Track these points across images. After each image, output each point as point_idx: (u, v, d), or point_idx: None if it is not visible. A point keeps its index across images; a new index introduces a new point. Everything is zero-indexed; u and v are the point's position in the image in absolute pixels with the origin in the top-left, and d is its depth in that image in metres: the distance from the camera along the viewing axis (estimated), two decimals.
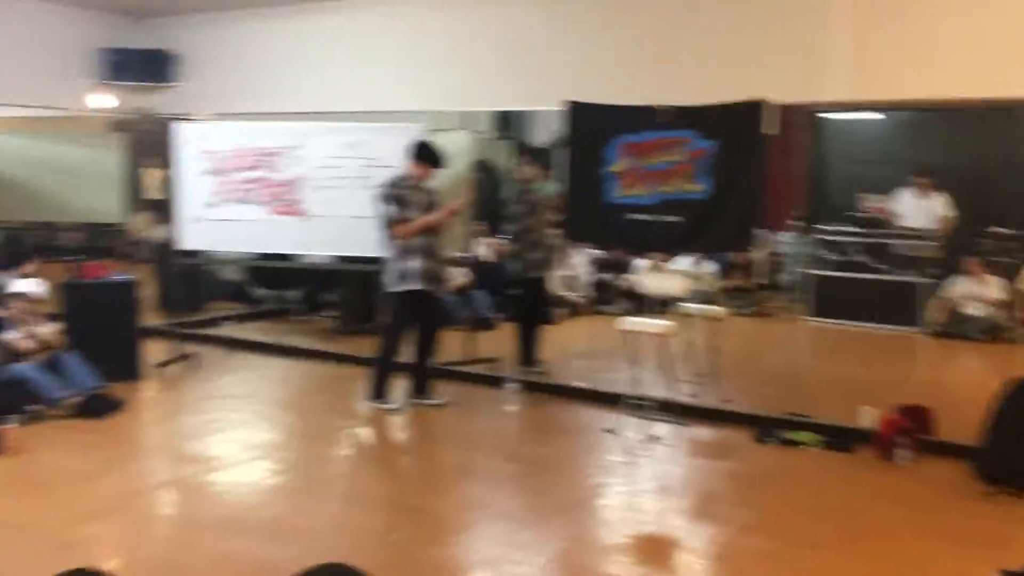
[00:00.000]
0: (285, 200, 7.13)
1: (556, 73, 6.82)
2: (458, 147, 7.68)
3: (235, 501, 4.80)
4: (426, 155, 6.35)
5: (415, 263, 6.20)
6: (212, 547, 4.14)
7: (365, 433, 6.20)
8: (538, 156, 7.81)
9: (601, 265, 10.80)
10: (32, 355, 6.17)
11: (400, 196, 6.23)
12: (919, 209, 9.91)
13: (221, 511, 4.65)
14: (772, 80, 5.94)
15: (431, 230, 6.28)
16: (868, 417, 5.79)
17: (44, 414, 5.97)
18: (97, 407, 6.10)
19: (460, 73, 7.27)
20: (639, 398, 6.13)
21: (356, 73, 7.73)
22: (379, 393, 6.41)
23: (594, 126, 6.51)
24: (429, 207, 6.34)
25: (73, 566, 1.55)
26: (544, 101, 6.94)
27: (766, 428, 5.92)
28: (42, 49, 8.07)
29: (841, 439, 5.71)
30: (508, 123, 13.37)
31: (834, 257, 10.54)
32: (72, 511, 4.48)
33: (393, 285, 6.27)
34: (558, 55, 6.85)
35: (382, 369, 6.46)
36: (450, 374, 7.26)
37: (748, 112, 5.97)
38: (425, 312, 6.41)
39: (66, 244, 13.33)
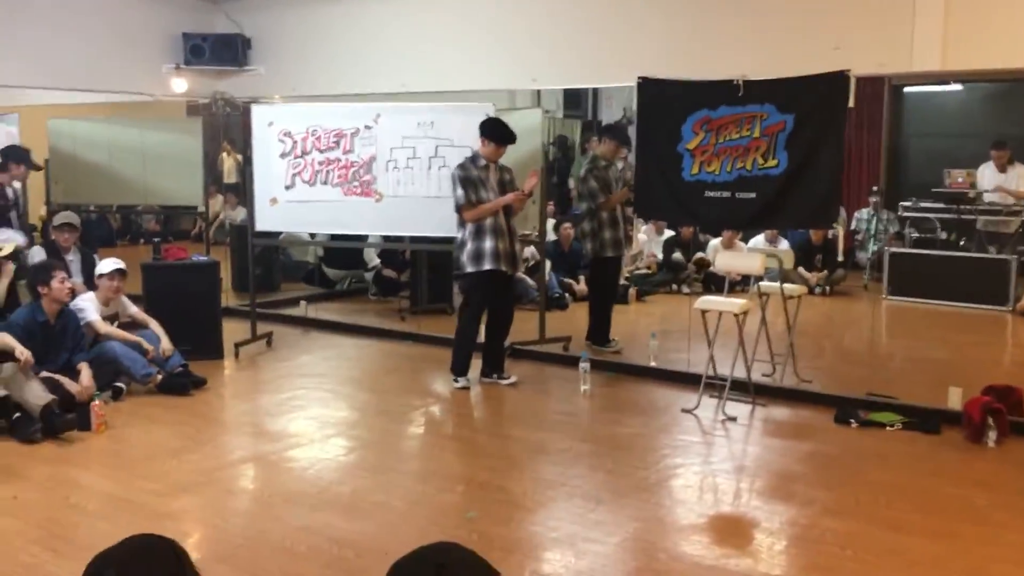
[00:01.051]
0: (358, 181, 7.19)
1: (630, 49, 6.71)
2: (531, 125, 7.63)
3: (314, 477, 4.88)
4: (496, 133, 6.33)
5: (488, 243, 6.22)
6: (293, 521, 4.22)
7: (439, 412, 6.25)
8: (613, 133, 7.75)
9: (673, 244, 10.68)
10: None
11: (470, 178, 6.24)
12: (1000, 182, 9.57)
13: (301, 486, 4.73)
14: (857, 51, 5.75)
15: (504, 210, 6.28)
16: (956, 397, 5.62)
17: (126, 391, 6.15)
18: (181, 384, 6.26)
19: (532, 51, 7.21)
20: (715, 378, 6.05)
21: (426, 53, 7.73)
22: (457, 370, 6.50)
23: (669, 102, 6.41)
24: (502, 187, 6.34)
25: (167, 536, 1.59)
26: (618, 78, 6.87)
27: (846, 409, 5.79)
28: (122, 35, 8.26)
29: (927, 420, 5.56)
30: (579, 101, 13.29)
31: (916, 234, 10.26)
32: (161, 485, 4.62)
33: (467, 266, 6.30)
34: (631, 30, 6.74)
35: (458, 348, 6.54)
36: (524, 353, 7.27)
37: (831, 84, 5.81)
38: (499, 292, 6.43)
39: (148, 227, 13.76)
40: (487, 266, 6.22)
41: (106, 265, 6.44)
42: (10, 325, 5.78)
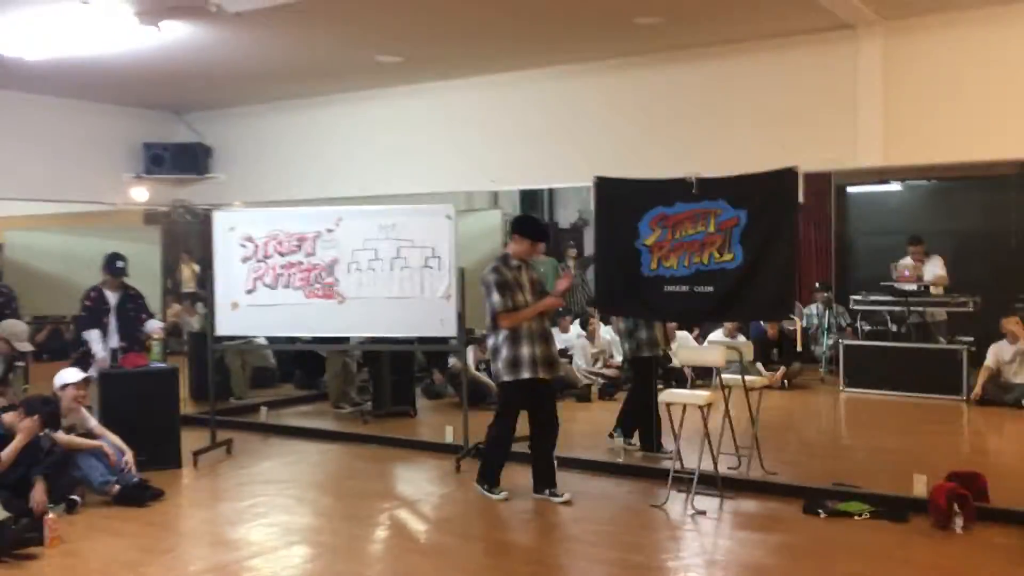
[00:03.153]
0: (320, 283, 7.21)
1: (586, 149, 6.95)
2: (490, 226, 7.78)
3: None
4: (531, 229, 6.12)
5: (525, 350, 5.88)
6: None
7: (406, 515, 6.13)
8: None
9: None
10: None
11: (506, 281, 5.96)
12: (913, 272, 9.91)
13: None
14: (804, 148, 6.01)
15: (540, 314, 6.03)
16: (921, 485, 5.67)
17: (81, 504, 5.96)
18: (138, 495, 6.08)
19: (490, 152, 7.42)
20: (682, 472, 6.04)
21: (384, 157, 7.91)
22: (487, 481, 6.12)
23: (625, 200, 6.58)
24: (535, 288, 6.09)
25: None
26: (575, 177, 7.06)
27: (814, 499, 5.80)
28: (84, 145, 8.34)
29: (894, 508, 5.58)
30: (535, 203, 13.55)
31: (867, 327, 10.50)
32: None
33: (503, 374, 5.95)
34: (587, 131, 6.99)
35: (490, 457, 6.18)
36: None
37: (781, 180, 6.02)
38: (540, 400, 6.04)
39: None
40: (525, 375, 5.87)
41: (71, 375, 6.32)
42: None
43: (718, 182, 6.32)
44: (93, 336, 7.43)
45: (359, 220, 7.19)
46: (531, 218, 6.27)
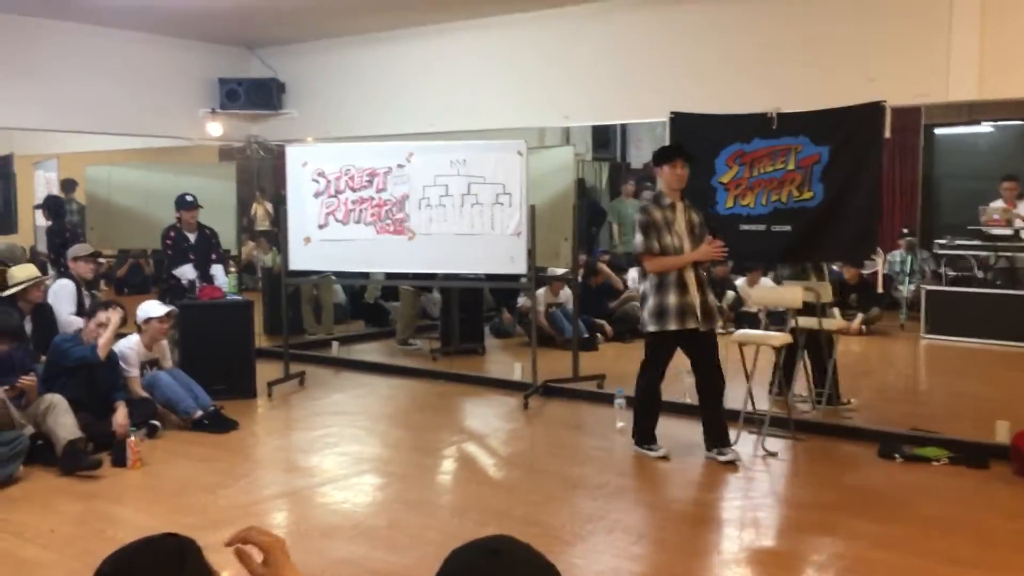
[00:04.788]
0: (391, 219, 7.22)
1: (662, 84, 6.74)
2: (563, 163, 7.67)
3: (349, 511, 4.82)
4: (658, 154, 5.61)
5: (672, 298, 5.36)
6: (332, 553, 4.16)
7: (474, 448, 6.18)
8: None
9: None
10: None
11: (652, 222, 5.42)
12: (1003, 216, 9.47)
13: (336, 520, 4.67)
14: (892, 82, 5.73)
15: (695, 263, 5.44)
16: (1003, 431, 5.48)
17: (161, 429, 6.14)
18: (215, 423, 6.24)
19: (564, 88, 7.26)
20: (754, 413, 5.95)
21: (457, 93, 7.80)
22: (640, 438, 5.66)
23: (702, 136, 6.39)
24: (691, 229, 5.48)
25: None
26: (650, 113, 6.87)
27: (890, 444, 5.66)
28: (158, 80, 8.41)
29: (974, 455, 5.41)
30: (608, 143, 13.33)
31: (951, 272, 10.14)
32: (197, 519, 4.57)
33: (648, 324, 5.47)
34: (663, 65, 6.78)
35: (637, 413, 5.70)
36: (558, 391, 7.21)
37: (865, 115, 5.79)
38: (697, 354, 5.53)
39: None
40: (671, 326, 5.37)
41: (156, 308, 6.47)
42: (54, 346, 5.83)
43: (799, 117, 6.10)
44: (187, 271, 7.58)
45: (430, 155, 7.15)
46: (664, 146, 5.67)
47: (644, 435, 5.65)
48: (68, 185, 11.12)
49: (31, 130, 8.57)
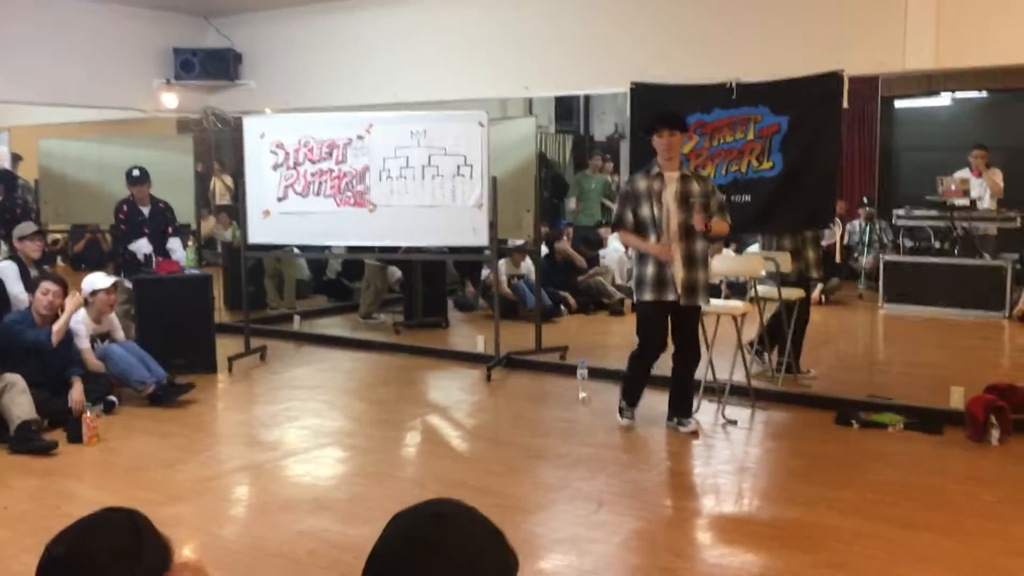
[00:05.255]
0: (352, 191, 7.15)
1: (622, 55, 6.72)
2: (525, 135, 7.62)
3: (310, 484, 4.80)
4: (644, 125, 5.47)
5: (649, 269, 5.29)
6: (290, 526, 4.14)
7: (436, 420, 6.18)
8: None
9: None
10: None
11: (630, 192, 5.35)
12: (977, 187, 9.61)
13: (296, 493, 4.65)
14: (850, 51, 5.76)
15: (683, 231, 5.24)
16: (958, 397, 5.58)
17: (118, 405, 6.06)
18: (170, 392, 6.17)
19: (524, 59, 7.21)
20: (714, 382, 5.99)
21: (417, 63, 7.73)
22: (621, 398, 5.68)
23: (662, 107, 6.34)
24: (684, 200, 5.22)
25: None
26: (611, 84, 6.87)
27: (847, 410, 5.74)
28: (112, 50, 8.24)
29: (929, 420, 5.51)
30: (571, 115, 13.30)
31: (909, 243, 10.26)
32: (155, 494, 4.52)
33: (634, 292, 5.53)
34: (623, 36, 6.75)
35: (623, 378, 5.72)
36: (521, 363, 7.22)
37: (823, 85, 5.82)
38: (675, 325, 5.42)
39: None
40: (646, 296, 5.33)
41: (101, 280, 6.36)
42: (4, 327, 5.72)
43: (758, 87, 6.12)
44: (142, 245, 7.44)
45: (390, 127, 7.08)
46: (661, 113, 5.38)
47: (622, 397, 5.67)
48: (13, 159, 10.86)
49: None
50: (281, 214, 7.31)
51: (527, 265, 9.31)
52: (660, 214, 5.25)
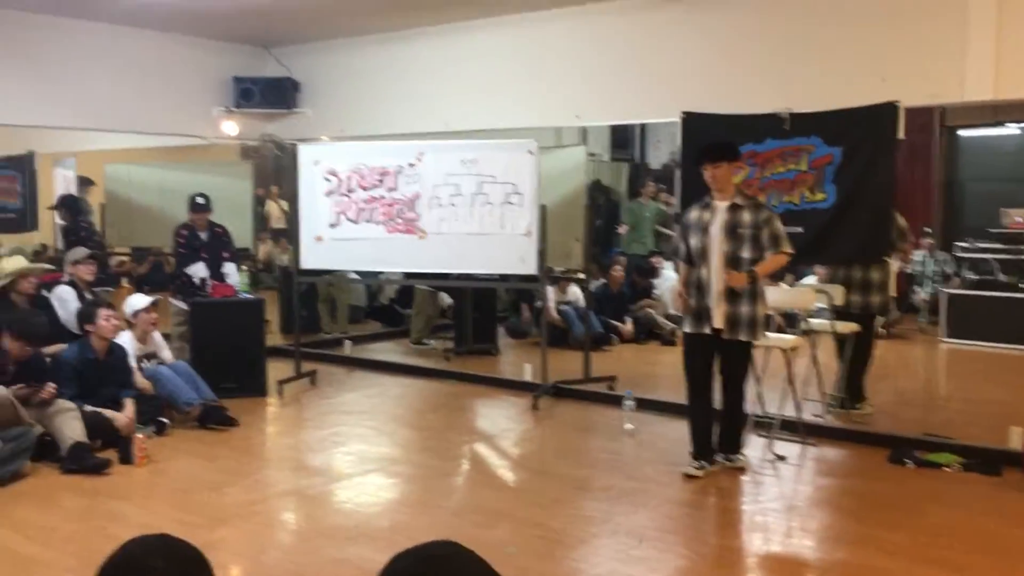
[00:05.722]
0: (402, 218, 7.21)
1: (674, 84, 6.70)
2: (575, 163, 7.63)
3: (353, 511, 4.82)
4: (694, 157, 5.36)
5: (693, 301, 5.18)
6: (331, 553, 4.15)
7: (483, 449, 6.16)
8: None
9: None
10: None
11: (683, 221, 5.32)
12: None
13: (340, 520, 4.67)
14: (906, 82, 5.65)
15: (728, 260, 5.05)
16: (1016, 437, 5.39)
17: (170, 426, 6.15)
18: (216, 419, 6.26)
19: (576, 88, 7.23)
20: (764, 416, 5.88)
21: (470, 92, 7.80)
22: (689, 449, 5.35)
23: (713, 137, 6.31)
24: (730, 230, 5.04)
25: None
26: (663, 113, 6.82)
27: (902, 449, 5.57)
28: (174, 79, 8.48)
29: (986, 461, 5.32)
30: (626, 143, 13.27)
31: (972, 276, 10.00)
32: (200, 517, 4.58)
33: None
34: (675, 65, 6.73)
35: (690, 420, 5.41)
36: (569, 392, 7.18)
37: (879, 116, 5.71)
38: (720, 361, 5.23)
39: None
40: (687, 328, 5.26)
41: (140, 301, 6.51)
42: (61, 363, 5.86)
43: (812, 117, 6.04)
44: (198, 269, 7.60)
45: (441, 155, 7.14)
46: (717, 144, 5.21)
47: (691, 442, 5.33)
48: (83, 183, 11.20)
49: (49, 128, 8.64)
50: (333, 240, 7.40)
51: (574, 292, 9.28)
52: (707, 244, 5.13)
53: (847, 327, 6.29)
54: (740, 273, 5.01)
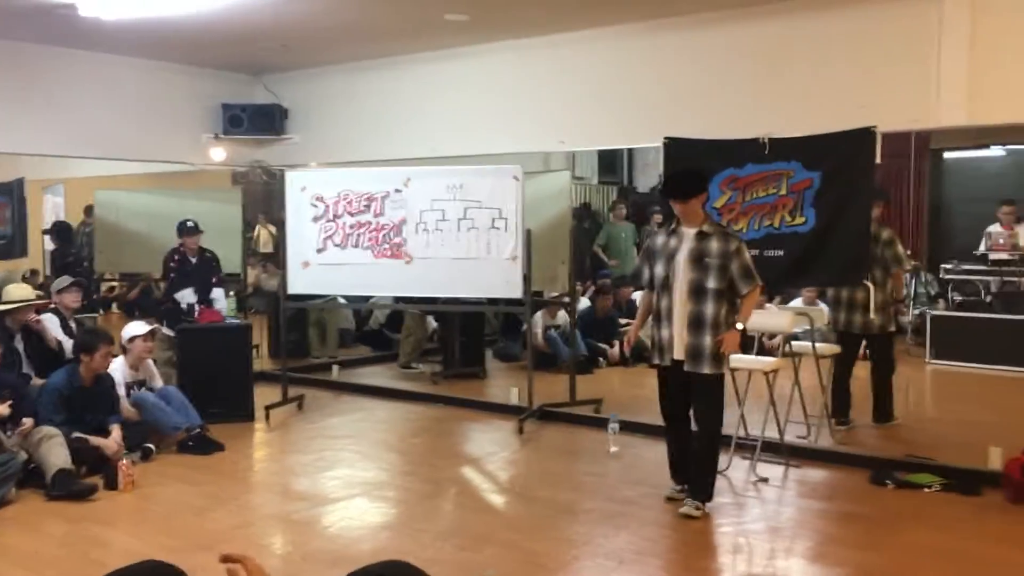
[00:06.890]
0: (389, 243, 7.27)
1: (657, 110, 6.79)
2: (559, 188, 7.71)
3: (337, 535, 4.83)
4: (663, 189, 5.36)
5: (655, 331, 5.08)
6: None
7: (467, 473, 6.18)
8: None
9: None
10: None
11: (646, 248, 5.22)
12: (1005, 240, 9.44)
13: (323, 544, 4.68)
14: (883, 107, 5.74)
15: (691, 291, 4.89)
16: (996, 457, 5.43)
17: (156, 452, 6.16)
18: (199, 445, 6.27)
19: (560, 113, 7.32)
20: (746, 439, 5.92)
21: (456, 118, 7.88)
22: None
23: (695, 161, 6.39)
24: (695, 258, 4.87)
25: None
26: (646, 138, 6.93)
27: (883, 470, 5.61)
28: (163, 106, 8.55)
29: (966, 481, 5.37)
30: (614, 167, 13.38)
31: (958, 298, 10.08)
32: (183, 542, 4.59)
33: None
34: (658, 92, 6.83)
35: (667, 451, 5.36)
36: (554, 415, 7.21)
37: (856, 141, 5.80)
38: (689, 392, 5.04)
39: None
40: (654, 359, 5.16)
41: (138, 328, 6.53)
42: (48, 390, 5.88)
43: (791, 143, 6.13)
44: (187, 295, 7.65)
45: (427, 180, 7.21)
46: (683, 172, 5.21)
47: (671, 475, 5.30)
48: (90, 210, 11.26)
49: (38, 155, 8.69)
50: (320, 265, 7.45)
51: (562, 316, 9.32)
52: (671, 272, 4.94)
53: (830, 349, 6.34)
54: (732, 335, 4.91)
